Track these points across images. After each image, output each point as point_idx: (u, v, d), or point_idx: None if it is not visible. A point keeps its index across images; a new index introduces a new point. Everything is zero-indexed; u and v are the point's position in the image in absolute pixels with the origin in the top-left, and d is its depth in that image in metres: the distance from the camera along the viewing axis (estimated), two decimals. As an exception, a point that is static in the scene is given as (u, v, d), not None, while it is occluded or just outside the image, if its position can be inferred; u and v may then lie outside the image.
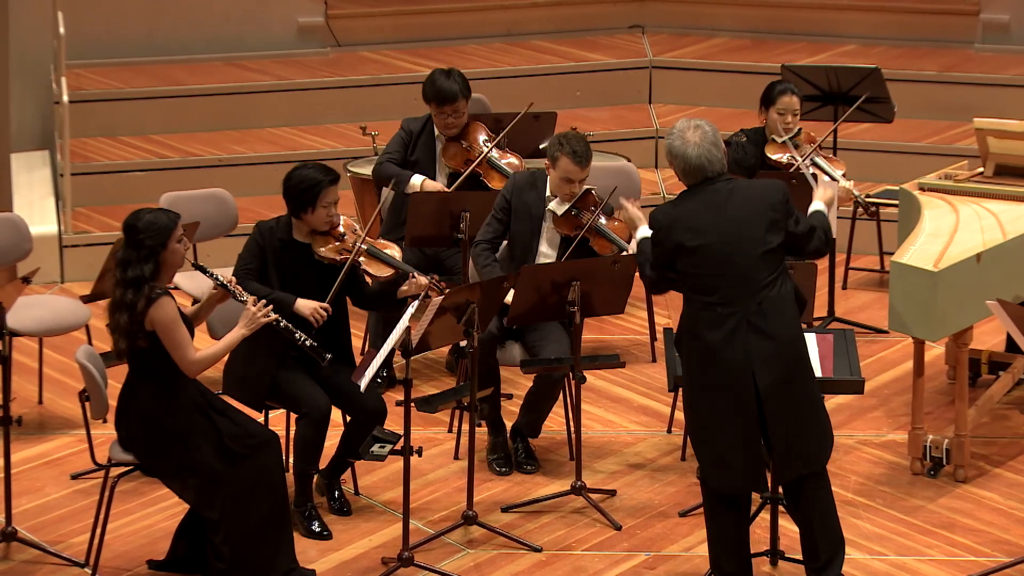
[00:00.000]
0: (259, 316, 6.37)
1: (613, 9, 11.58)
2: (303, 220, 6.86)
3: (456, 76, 8.06)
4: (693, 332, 6.09)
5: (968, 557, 6.69)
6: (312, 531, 6.83)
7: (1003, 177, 7.79)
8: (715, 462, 6.14)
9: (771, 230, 6.04)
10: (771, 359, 6.01)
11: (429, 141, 8.13)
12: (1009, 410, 7.78)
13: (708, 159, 6.07)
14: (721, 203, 6.06)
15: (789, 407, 6.05)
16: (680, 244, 6.07)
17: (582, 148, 7.28)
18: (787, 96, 8.18)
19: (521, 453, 7.34)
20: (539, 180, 7.47)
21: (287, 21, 11.08)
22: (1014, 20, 10.99)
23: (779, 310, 6.03)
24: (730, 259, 6.02)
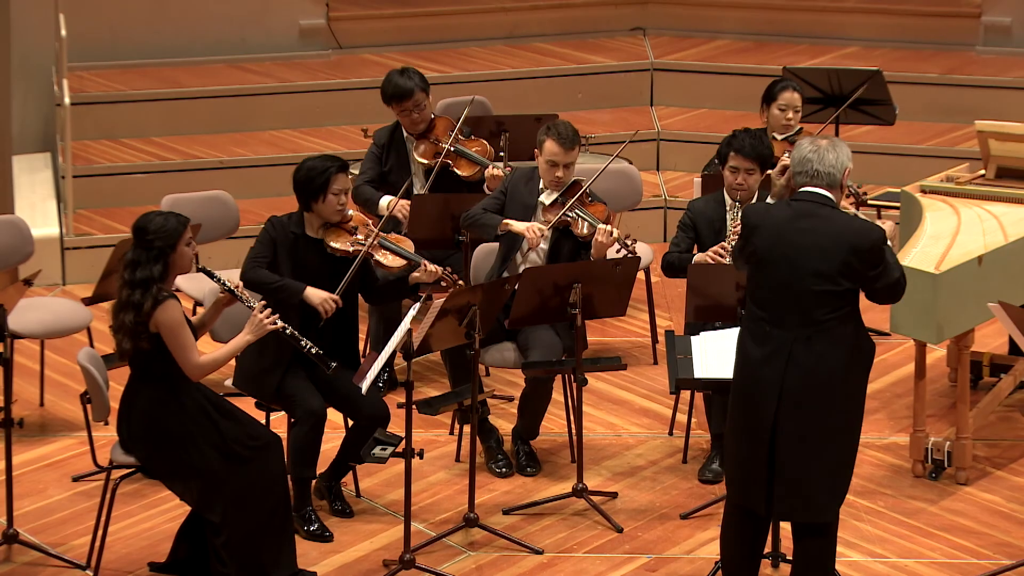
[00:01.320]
0: (266, 323, 6.38)
1: (615, 11, 11.59)
2: (314, 212, 6.87)
3: (411, 72, 8.16)
4: (741, 339, 6.01)
5: (970, 560, 6.69)
6: (313, 533, 6.82)
7: (1005, 179, 7.79)
8: (729, 469, 6.12)
9: (843, 273, 5.82)
10: (799, 393, 5.85)
11: (399, 146, 8.17)
12: (1011, 412, 7.77)
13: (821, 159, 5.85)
14: (807, 228, 5.86)
15: (802, 445, 5.88)
16: (755, 249, 5.95)
17: (567, 132, 7.34)
18: (788, 92, 8.16)
19: (523, 456, 7.34)
20: (535, 175, 7.53)
21: (289, 23, 11.08)
22: (1016, 22, 10.99)
23: (827, 350, 5.83)
24: (791, 286, 5.85)
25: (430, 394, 7.58)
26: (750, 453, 5.96)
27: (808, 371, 5.86)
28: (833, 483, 5.97)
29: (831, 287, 5.83)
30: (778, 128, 8.12)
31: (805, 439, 5.90)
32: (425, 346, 6.59)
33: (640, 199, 8.85)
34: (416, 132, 8.15)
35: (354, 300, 6.99)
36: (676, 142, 10.56)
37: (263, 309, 6.39)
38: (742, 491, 6.04)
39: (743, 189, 7.30)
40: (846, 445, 5.96)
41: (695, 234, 7.44)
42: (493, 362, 7.45)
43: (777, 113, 8.14)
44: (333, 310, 6.80)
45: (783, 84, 8.20)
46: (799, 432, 5.89)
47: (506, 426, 7.81)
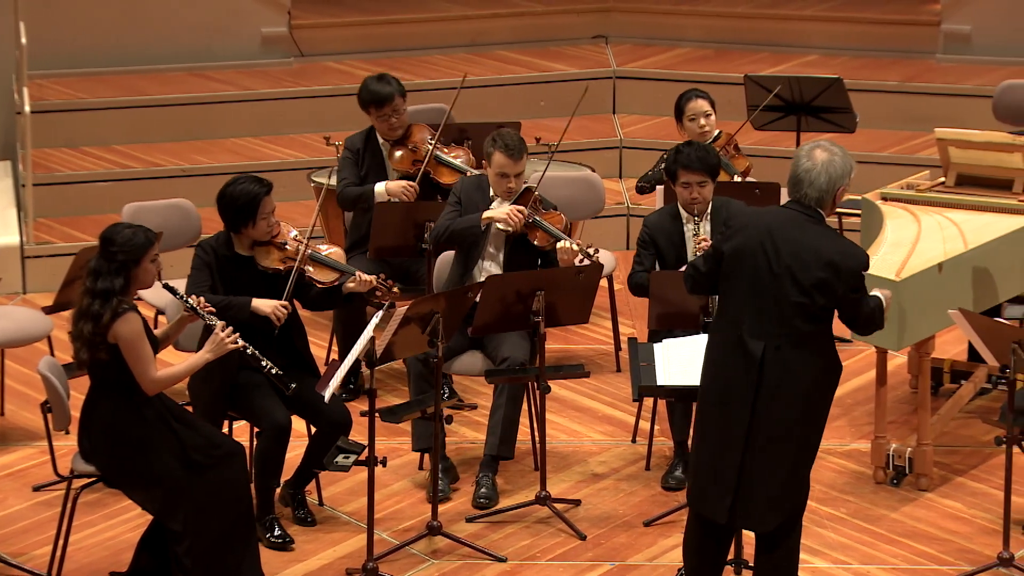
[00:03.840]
0: (227, 342, 6.36)
1: (577, 19, 11.61)
2: (243, 234, 6.85)
3: (388, 78, 8.15)
4: (712, 347, 5.98)
5: (931, 566, 6.72)
6: (275, 542, 6.81)
7: (964, 187, 7.83)
8: (692, 473, 6.10)
9: (819, 288, 5.78)
10: (772, 403, 5.83)
11: (375, 151, 8.16)
12: (971, 419, 7.81)
13: (811, 180, 5.84)
14: (791, 238, 5.83)
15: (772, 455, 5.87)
16: (736, 247, 5.89)
17: (514, 142, 7.36)
18: (694, 101, 8.15)
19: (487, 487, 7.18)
20: (484, 183, 7.55)
21: (251, 31, 11.06)
22: (975, 30, 11.06)
23: (801, 361, 5.81)
24: (767, 293, 5.83)
25: (393, 402, 7.57)
26: (720, 462, 5.94)
27: (781, 381, 5.85)
28: (779, 498, 5.95)
29: (806, 300, 5.82)
30: (697, 138, 8.09)
31: (776, 449, 5.89)
32: (388, 354, 6.59)
33: (603, 207, 8.86)
34: (393, 138, 8.14)
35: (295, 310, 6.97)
36: (638, 149, 10.58)
37: (224, 328, 6.37)
38: (702, 500, 6.02)
39: (698, 202, 7.32)
40: (799, 463, 5.96)
41: (656, 250, 7.44)
42: (460, 370, 7.45)
43: (690, 124, 8.14)
44: (285, 316, 6.79)
45: (687, 95, 8.20)
46: (770, 442, 5.89)
47: (470, 433, 7.82)
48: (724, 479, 5.93)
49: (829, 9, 11.48)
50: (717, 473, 5.95)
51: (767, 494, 5.92)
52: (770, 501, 5.92)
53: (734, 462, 5.91)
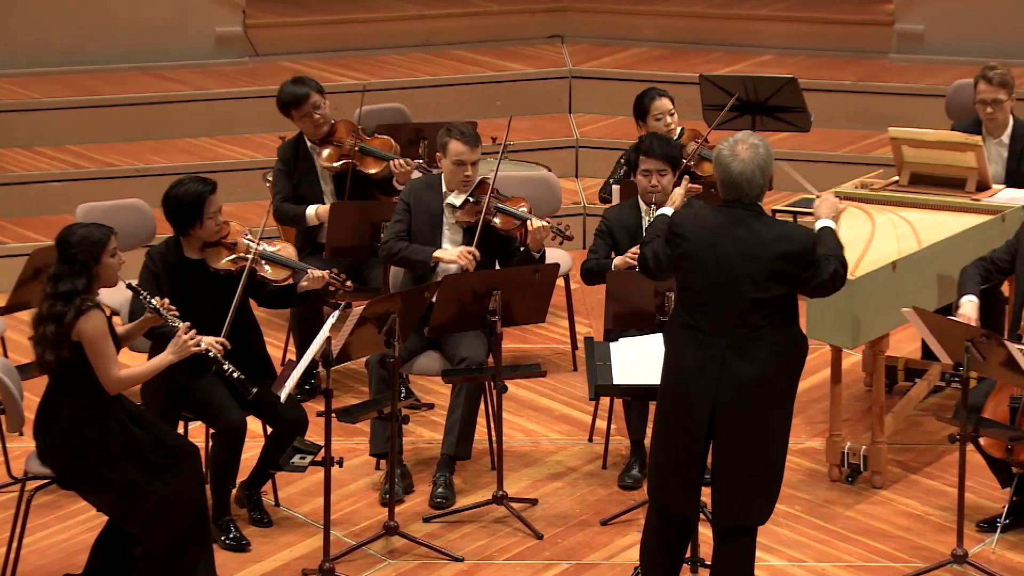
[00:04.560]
0: (189, 344, 6.33)
1: (532, 19, 11.62)
2: (192, 236, 6.82)
3: (304, 78, 8.20)
4: (671, 347, 6.00)
5: (886, 563, 6.75)
6: (231, 543, 6.78)
7: (918, 186, 7.87)
8: (653, 471, 6.10)
9: (774, 279, 5.84)
10: (734, 401, 5.87)
11: (305, 157, 8.17)
12: (925, 417, 7.86)
13: (748, 179, 5.87)
14: (738, 234, 5.87)
15: (738, 452, 5.89)
16: (685, 254, 5.93)
17: (469, 131, 7.41)
18: (658, 100, 8.21)
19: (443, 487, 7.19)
20: (434, 182, 7.55)
21: (205, 31, 11.02)
22: (928, 30, 11.13)
23: (761, 357, 5.86)
24: (722, 291, 5.86)
25: (349, 402, 7.56)
26: (682, 460, 5.96)
27: (741, 379, 5.88)
28: (770, 488, 6.00)
29: (762, 294, 5.86)
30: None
31: (741, 446, 5.91)
32: (344, 354, 6.58)
33: (559, 206, 8.88)
34: (319, 137, 8.14)
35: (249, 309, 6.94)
36: (594, 149, 10.60)
37: (188, 330, 6.34)
38: (671, 499, 6.02)
39: (657, 191, 7.35)
40: (779, 449, 5.99)
41: (612, 240, 7.48)
42: (417, 370, 7.44)
43: (656, 123, 8.19)
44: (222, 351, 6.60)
45: (650, 94, 8.25)
46: (735, 439, 5.90)
47: (427, 433, 7.81)
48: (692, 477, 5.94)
49: (784, 9, 11.53)
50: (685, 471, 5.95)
51: (743, 491, 5.94)
52: (746, 498, 5.94)
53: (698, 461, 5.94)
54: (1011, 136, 7.98)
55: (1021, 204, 7.66)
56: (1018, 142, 7.96)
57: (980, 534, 6.87)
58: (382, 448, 7.13)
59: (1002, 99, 7.91)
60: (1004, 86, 7.92)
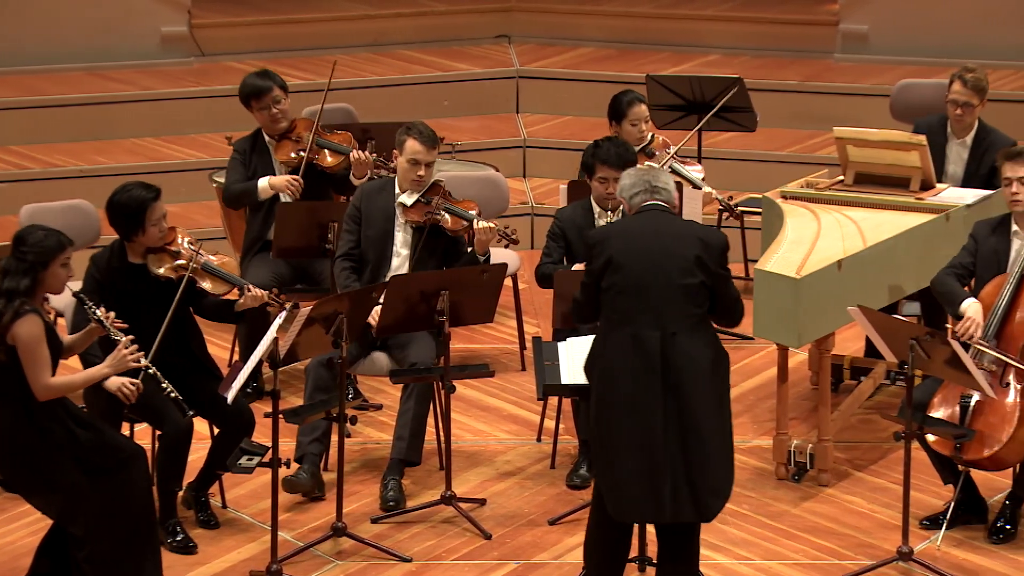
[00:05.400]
0: (128, 359, 6.29)
1: (479, 19, 11.62)
2: (135, 241, 6.79)
3: (268, 72, 8.19)
4: (604, 353, 6.02)
5: (832, 561, 6.79)
6: (178, 545, 6.76)
7: (863, 185, 7.92)
8: (612, 487, 6.04)
9: (698, 266, 5.96)
10: (680, 396, 5.91)
11: (262, 150, 8.15)
12: (871, 415, 7.90)
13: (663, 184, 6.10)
14: (657, 230, 6.02)
15: (691, 447, 5.93)
16: (610, 258, 6.00)
17: (427, 131, 7.40)
18: (636, 106, 8.23)
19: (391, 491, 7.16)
20: (388, 185, 7.55)
21: (150, 31, 10.96)
22: (872, 30, 11.19)
23: (696, 348, 5.93)
24: (651, 286, 5.95)
25: (297, 403, 7.54)
26: (644, 466, 5.94)
27: (684, 367, 5.93)
28: (725, 479, 6.04)
29: (690, 279, 5.96)
30: (633, 142, 8.16)
31: (694, 440, 5.95)
32: (292, 355, 6.56)
33: (507, 206, 8.88)
34: (277, 132, 8.12)
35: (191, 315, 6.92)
36: (542, 149, 10.61)
37: (129, 345, 6.30)
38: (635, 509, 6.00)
39: (614, 198, 7.37)
40: (727, 440, 6.05)
41: (565, 243, 7.48)
42: (365, 371, 7.44)
43: (630, 128, 8.21)
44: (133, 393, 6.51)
45: (628, 98, 8.25)
46: (687, 434, 5.94)
47: (375, 433, 7.80)
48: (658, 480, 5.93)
49: (729, 9, 11.58)
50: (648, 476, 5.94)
51: (710, 482, 5.97)
52: (714, 488, 5.98)
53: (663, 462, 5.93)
54: (974, 139, 8.02)
55: (965, 203, 7.72)
56: (980, 145, 8.00)
57: (924, 531, 6.93)
58: (302, 451, 7.12)
59: (973, 104, 7.95)
60: (977, 91, 7.94)
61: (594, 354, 6.08)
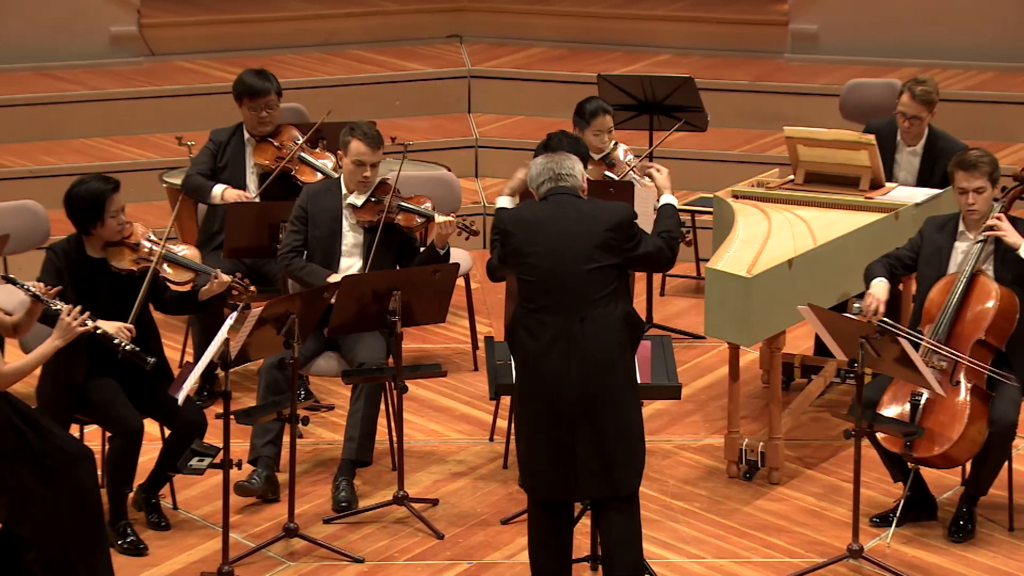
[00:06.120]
0: (75, 325, 6.25)
1: (431, 19, 11.61)
2: (94, 235, 6.75)
3: (268, 74, 8.17)
4: (518, 338, 6.13)
5: (783, 558, 6.82)
6: (128, 547, 6.72)
7: (813, 184, 7.96)
8: (527, 466, 6.18)
9: (603, 249, 6.07)
10: (585, 376, 6.02)
11: (239, 146, 8.12)
12: (821, 413, 7.94)
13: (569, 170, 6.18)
14: (560, 215, 6.13)
15: (598, 427, 6.04)
16: (517, 248, 6.13)
17: (372, 131, 7.39)
18: (600, 116, 8.24)
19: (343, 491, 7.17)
20: (333, 186, 7.53)
21: (99, 30, 10.91)
22: (822, 30, 11.25)
23: (602, 329, 6.04)
24: (556, 271, 6.06)
25: (249, 404, 7.51)
26: (555, 444, 6.05)
27: (590, 351, 6.03)
28: (632, 458, 6.12)
29: (595, 264, 6.05)
30: (594, 149, 8.20)
31: (603, 418, 6.04)
32: (243, 355, 6.54)
33: (459, 206, 8.88)
34: (261, 134, 8.10)
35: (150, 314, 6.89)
36: (494, 149, 10.61)
37: (71, 311, 6.25)
38: (548, 485, 6.10)
39: None
40: (636, 417, 6.14)
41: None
42: (316, 371, 7.42)
43: (592, 138, 8.24)
44: (129, 338, 6.61)
45: (593, 107, 8.25)
46: (596, 412, 6.04)
47: (327, 434, 7.78)
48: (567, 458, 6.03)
49: (680, 9, 11.61)
50: (560, 454, 6.04)
51: (612, 462, 6.05)
52: (626, 463, 6.07)
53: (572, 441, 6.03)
54: (925, 146, 8.05)
55: (914, 202, 7.77)
56: (931, 152, 8.03)
57: (875, 528, 6.96)
58: (256, 453, 7.10)
59: (922, 116, 7.97)
60: (926, 103, 7.95)
61: (510, 338, 6.19)
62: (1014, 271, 6.88)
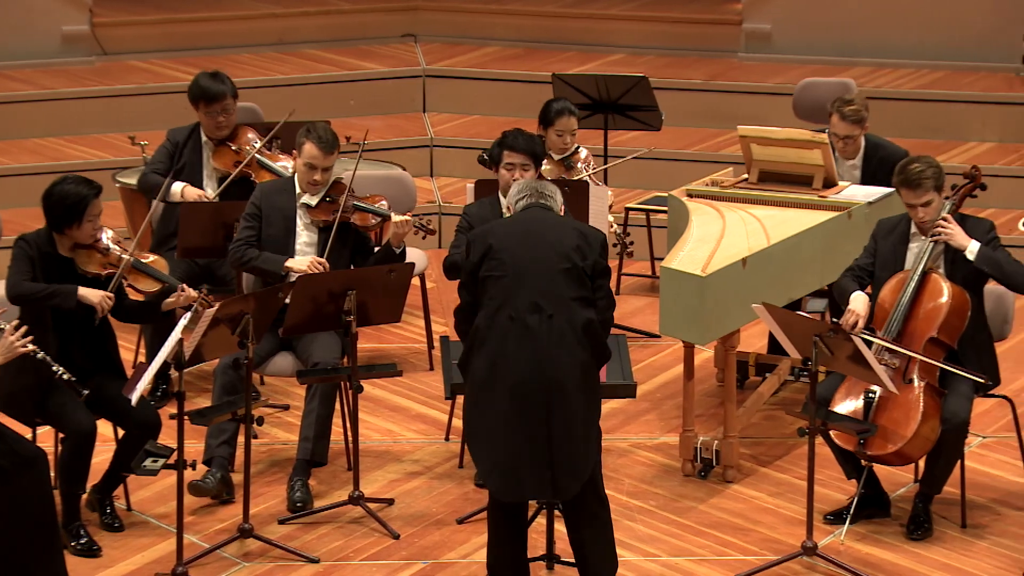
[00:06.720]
0: (16, 345, 6.23)
1: (386, 18, 11.60)
2: (66, 235, 6.73)
3: (223, 76, 8.11)
4: (486, 336, 6.10)
5: (738, 556, 6.84)
6: (81, 549, 6.69)
7: (767, 183, 7.99)
8: (495, 468, 6.14)
9: (577, 253, 6.12)
10: (561, 374, 6.02)
11: (196, 147, 8.08)
12: (776, 411, 7.97)
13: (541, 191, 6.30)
14: (538, 218, 6.21)
15: (572, 425, 6.04)
16: (490, 246, 6.14)
17: (327, 135, 7.37)
18: (565, 117, 8.25)
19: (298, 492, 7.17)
20: (287, 185, 7.51)
21: (51, 29, 10.85)
22: (775, 29, 11.30)
23: (571, 330, 6.05)
24: (529, 270, 6.08)
25: (203, 404, 7.48)
26: (526, 444, 6.04)
27: (558, 350, 6.04)
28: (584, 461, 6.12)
29: (569, 265, 6.10)
30: (555, 150, 8.23)
31: (569, 417, 6.06)
32: (197, 356, 6.51)
33: (414, 205, 8.87)
34: (218, 137, 8.06)
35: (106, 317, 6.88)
36: (449, 148, 10.61)
37: (15, 331, 6.23)
38: (520, 486, 6.09)
39: None
40: (594, 424, 6.18)
41: None
42: (271, 371, 7.40)
43: (555, 138, 8.25)
44: (110, 307, 6.71)
45: (559, 108, 8.27)
46: (564, 411, 6.05)
47: (282, 434, 7.77)
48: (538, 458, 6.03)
49: (634, 9, 11.64)
50: (530, 453, 6.04)
51: (570, 461, 6.07)
52: (573, 468, 6.08)
53: (545, 440, 6.03)
54: (863, 158, 8.08)
55: (867, 201, 7.80)
56: (871, 162, 8.05)
57: (829, 526, 7.00)
58: (210, 454, 7.08)
59: (854, 134, 8.00)
60: (858, 123, 7.96)
61: (473, 339, 6.15)
62: (964, 270, 6.92)
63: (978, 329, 6.95)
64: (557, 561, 6.57)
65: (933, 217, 6.92)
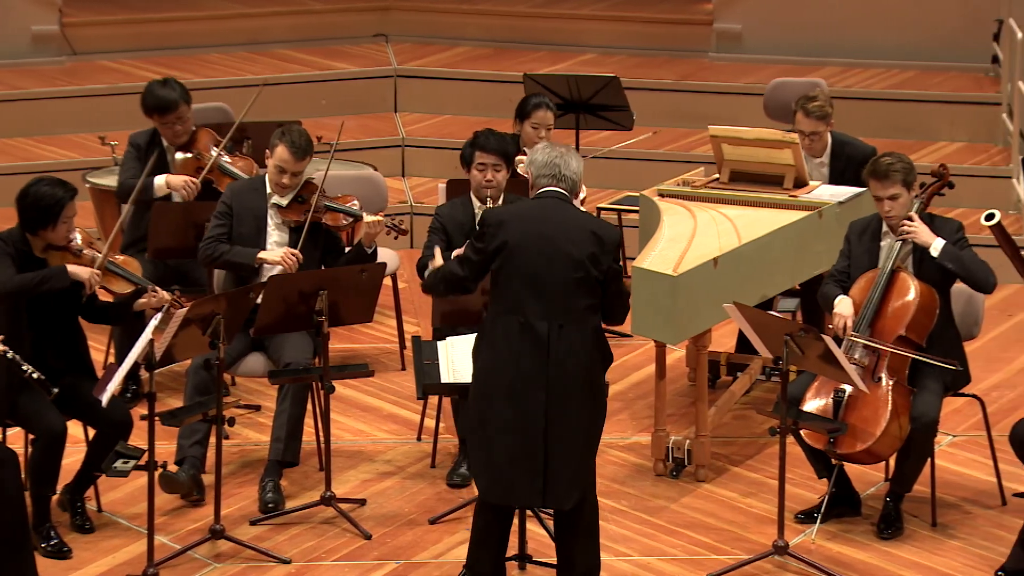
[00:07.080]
0: None
1: (357, 18, 11.59)
2: (40, 236, 6.72)
3: (173, 83, 8.07)
4: (490, 337, 6.07)
5: (709, 555, 6.86)
6: (52, 550, 6.67)
7: (738, 183, 8.00)
8: (489, 470, 6.09)
9: (592, 261, 6.03)
10: (563, 383, 5.98)
11: (160, 155, 8.05)
12: (747, 410, 7.99)
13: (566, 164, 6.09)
14: (554, 218, 6.07)
15: (569, 434, 6.01)
16: (505, 242, 6.04)
17: (302, 141, 7.36)
18: (542, 111, 8.25)
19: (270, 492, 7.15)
20: (259, 184, 7.50)
21: (20, 29, 10.81)
22: (746, 29, 11.33)
23: (579, 340, 6.00)
24: (544, 275, 6.01)
25: (174, 404, 7.47)
26: (521, 449, 6.01)
27: (567, 358, 6.00)
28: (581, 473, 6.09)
29: (583, 274, 6.02)
30: (530, 144, 8.24)
31: (572, 428, 6.02)
32: (168, 356, 6.50)
33: (386, 205, 8.87)
34: (177, 144, 8.03)
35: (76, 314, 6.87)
36: (421, 148, 10.61)
37: None
38: (509, 490, 6.07)
39: (492, 186, 7.38)
40: (595, 436, 6.14)
41: (445, 236, 7.50)
42: (243, 372, 7.39)
43: (530, 130, 8.26)
44: (98, 284, 6.74)
45: (536, 102, 8.29)
46: (566, 422, 6.01)
47: (253, 435, 7.75)
48: (532, 465, 6.01)
49: (605, 8, 11.66)
50: (523, 459, 6.02)
51: (568, 472, 6.03)
52: (571, 479, 6.04)
53: (539, 444, 6.01)
54: (831, 155, 8.10)
55: (837, 201, 7.83)
56: (839, 159, 8.08)
57: (800, 525, 7.02)
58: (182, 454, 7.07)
59: (820, 131, 8.02)
60: (823, 119, 7.98)
61: (482, 337, 6.12)
62: (932, 269, 6.95)
63: (946, 327, 6.98)
64: (530, 561, 6.57)
65: (900, 213, 6.94)
